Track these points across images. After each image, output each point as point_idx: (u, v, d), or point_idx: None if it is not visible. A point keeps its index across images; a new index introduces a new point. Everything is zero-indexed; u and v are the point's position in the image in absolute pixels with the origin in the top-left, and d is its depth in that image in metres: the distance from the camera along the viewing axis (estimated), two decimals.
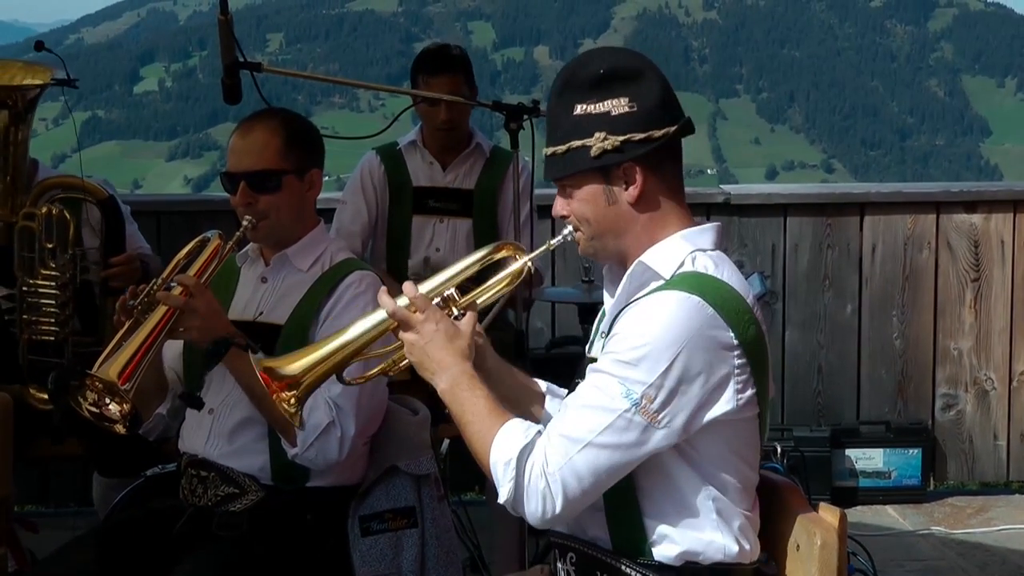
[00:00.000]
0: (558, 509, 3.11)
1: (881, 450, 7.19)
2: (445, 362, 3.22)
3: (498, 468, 3.12)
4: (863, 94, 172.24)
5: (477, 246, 5.93)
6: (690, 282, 3.20)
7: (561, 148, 3.27)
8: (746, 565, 3.29)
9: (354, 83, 6.30)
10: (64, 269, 5.30)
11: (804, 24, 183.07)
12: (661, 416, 3.12)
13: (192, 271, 4.02)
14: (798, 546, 3.35)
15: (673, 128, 3.29)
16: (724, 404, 3.20)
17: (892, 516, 6.98)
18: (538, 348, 6.51)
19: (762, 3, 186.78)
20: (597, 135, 3.23)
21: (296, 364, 3.18)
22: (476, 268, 3.42)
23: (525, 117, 5.07)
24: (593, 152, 3.24)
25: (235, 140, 4.25)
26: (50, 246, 5.30)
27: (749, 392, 3.25)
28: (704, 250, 3.30)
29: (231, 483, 4.12)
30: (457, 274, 3.37)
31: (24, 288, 5.31)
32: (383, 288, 3.30)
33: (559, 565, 3.43)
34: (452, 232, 6.16)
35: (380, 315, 3.26)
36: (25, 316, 5.31)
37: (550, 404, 3.55)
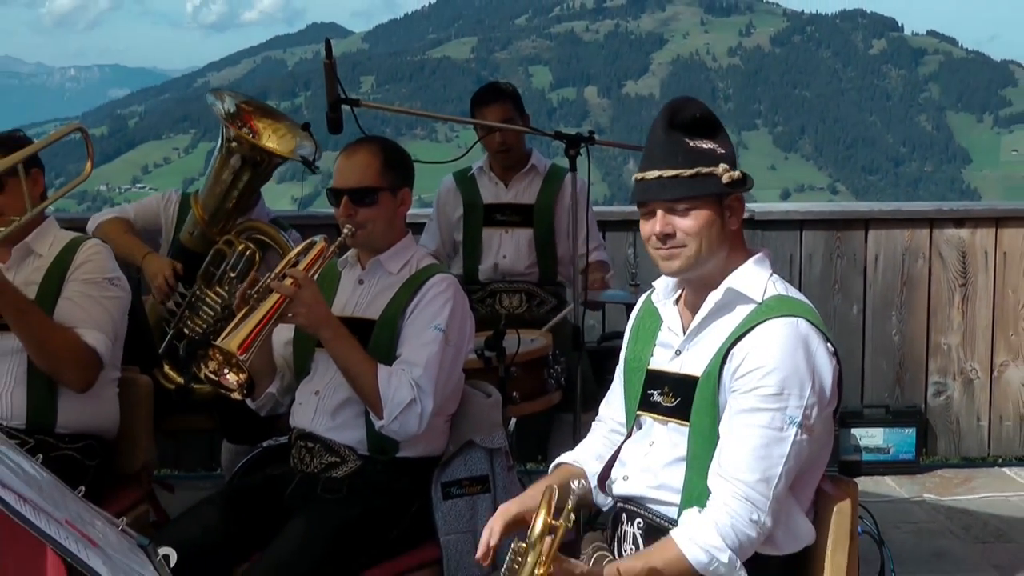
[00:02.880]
0: (768, 530, 3.12)
1: (881, 429, 7.16)
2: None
3: (714, 559, 3.06)
4: (863, 128, 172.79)
5: (538, 252, 5.98)
6: (788, 307, 3.21)
7: (688, 172, 3.20)
8: (782, 555, 3.27)
9: (435, 116, 6.31)
10: (231, 296, 5.28)
11: (813, 68, 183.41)
12: (813, 424, 3.13)
13: (300, 267, 4.02)
14: (818, 512, 3.32)
15: (748, 177, 3.31)
16: (834, 401, 3.25)
17: (890, 485, 6.94)
18: (591, 341, 6.47)
19: (777, 51, 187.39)
20: (723, 166, 3.21)
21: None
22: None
23: (582, 145, 5.08)
24: (724, 180, 3.20)
25: (341, 161, 4.25)
26: (232, 275, 5.35)
27: (838, 392, 3.28)
28: (770, 274, 3.32)
29: (333, 453, 4.12)
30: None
31: (196, 292, 5.42)
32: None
33: (623, 527, 3.40)
34: (516, 241, 6.15)
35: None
36: (186, 312, 5.41)
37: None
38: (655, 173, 3.23)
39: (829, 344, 3.22)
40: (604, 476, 3.50)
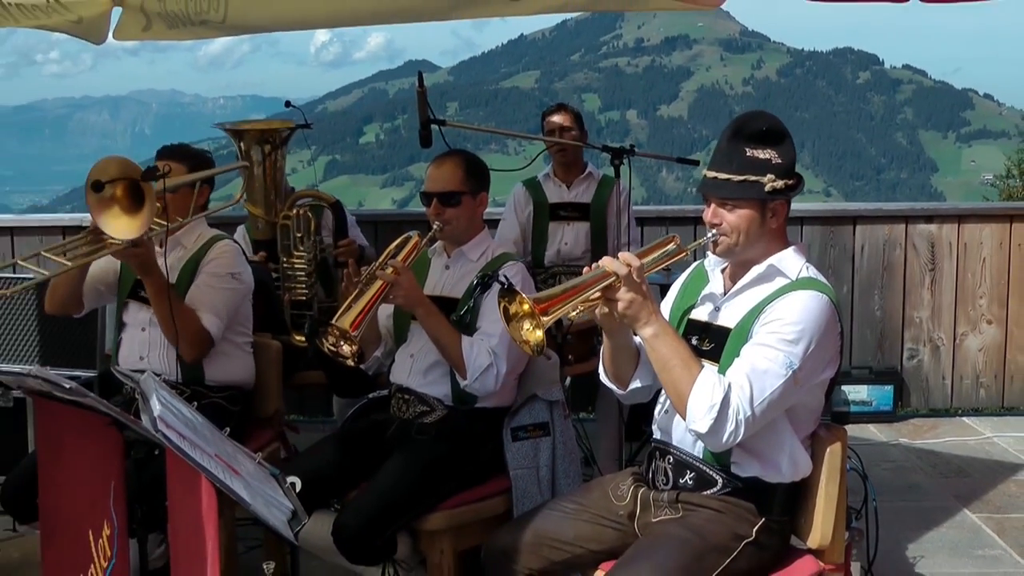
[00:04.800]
0: (736, 442, 3.10)
1: (865, 386, 7.10)
2: (653, 316, 3.12)
3: (698, 407, 3.06)
4: (851, 143, 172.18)
5: (593, 243, 6.00)
6: (817, 286, 3.22)
7: (738, 177, 3.20)
8: (787, 484, 3.28)
9: (506, 133, 6.30)
10: (309, 251, 5.41)
11: (811, 95, 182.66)
12: (802, 378, 3.12)
13: (399, 258, 4.03)
14: (815, 452, 3.32)
15: (801, 181, 3.30)
16: (828, 370, 3.25)
17: (872, 431, 6.89)
18: None
19: (782, 81, 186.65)
20: (769, 176, 3.19)
21: (543, 294, 3.08)
22: (658, 252, 3.30)
23: (625, 156, 5.07)
24: (767, 188, 3.19)
25: (431, 170, 4.25)
26: (299, 235, 5.39)
27: (838, 361, 3.29)
28: (806, 261, 3.32)
29: (425, 404, 4.13)
30: (645, 253, 3.25)
31: (285, 265, 5.43)
32: (611, 259, 3.13)
33: (658, 463, 3.41)
34: (575, 232, 6.14)
35: (601, 271, 3.09)
36: (287, 284, 5.43)
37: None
38: (712, 173, 3.25)
39: (839, 323, 3.24)
40: (649, 411, 3.54)
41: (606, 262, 3.12)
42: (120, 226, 3.93)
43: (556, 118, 6.10)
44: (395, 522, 3.84)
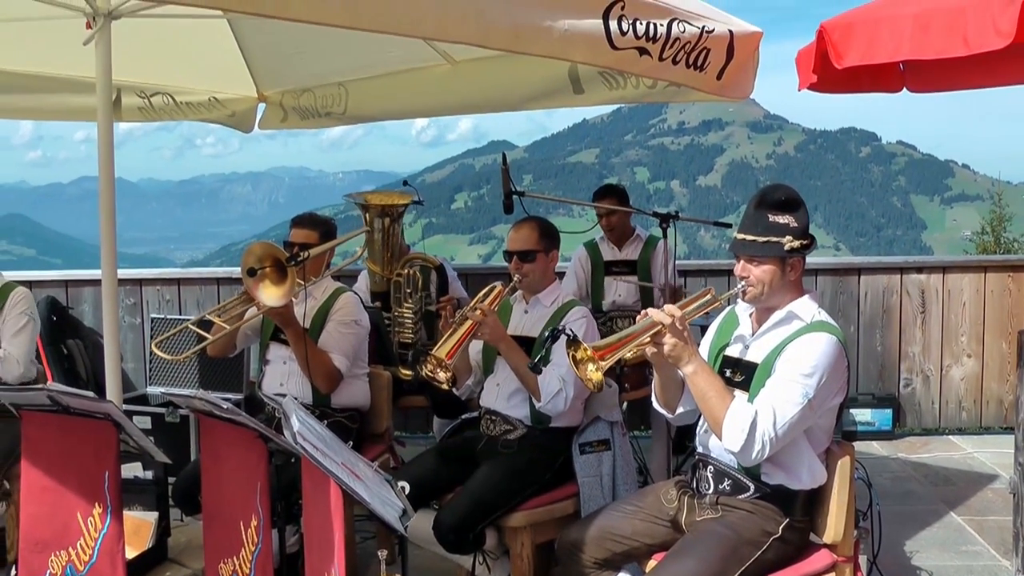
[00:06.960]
0: (764, 458, 3.12)
1: (869, 410, 7.01)
2: (693, 356, 3.14)
3: (732, 429, 3.08)
4: (855, 206, 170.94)
5: (641, 295, 5.93)
6: (827, 328, 3.20)
7: (761, 239, 3.21)
8: (807, 490, 3.27)
9: (572, 201, 6.31)
10: (416, 304, 5.44)
11: (822, 167, 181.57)
12: (816, 405, 3.12)
13: (486, 303, 4.06)
14: (828, 464, 3.29)
15: (814, 241, 3.29)
16: (837, 397, 3.23)
17: (875, 447, 6.81)
18: None
19: (799, 155, 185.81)
20: (788, 237, 3.20)
21: (601, 342, 3.12)
22: (696, 303, 3.30)
23: (671, 220, 5.07)
24: (786, 248, 3.19)
25: (511, 232, 4.27)
26: (408, 291, 5.42)
27: (846, 389, 3.28)
28: (818, 307, 3.31)
29: (508, 423, 4.14)
30: (686, 304, 3.26)
31: (396, 313, 5.46)
32: (657, 310, 3.16)
33: (700, 472, 3.40)
34: (627, 285, 6.11)
35: (650, 321, 3.13)
36: (396, 329, 5.46)
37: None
38: (741, 235, 3.25)
39: (846, 358, 3.23)
40: (692, 429, 3.54)
41: (653, 313, 3.15)
42: (270, 295, 4.10)
43: (604, 203, 5.98)
44: (484, 519, 3.85)
